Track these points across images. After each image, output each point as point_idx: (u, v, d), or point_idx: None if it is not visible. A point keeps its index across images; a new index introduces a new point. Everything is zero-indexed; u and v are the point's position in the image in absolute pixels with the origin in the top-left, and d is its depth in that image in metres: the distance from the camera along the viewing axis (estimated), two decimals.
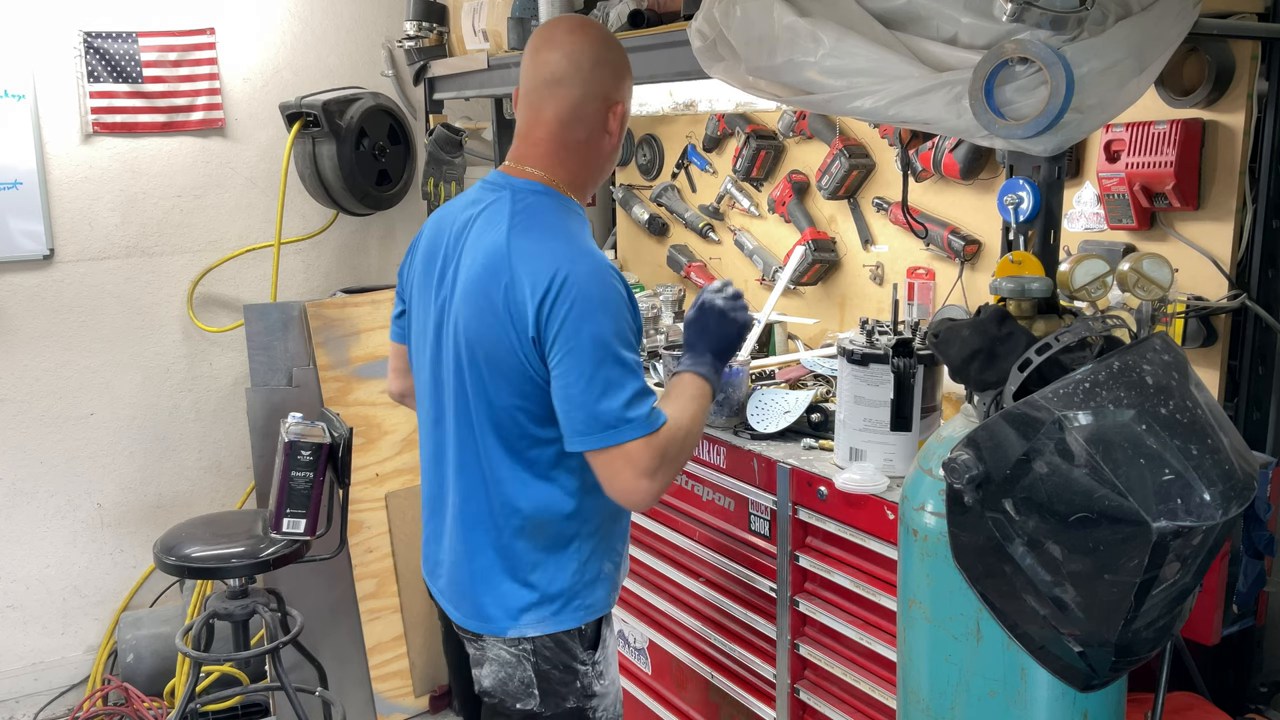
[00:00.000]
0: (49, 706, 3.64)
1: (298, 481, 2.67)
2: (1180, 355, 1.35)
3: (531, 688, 1.80)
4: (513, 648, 1.80)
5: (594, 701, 1.83)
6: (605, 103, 1.77)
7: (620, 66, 1.80)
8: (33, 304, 3.52)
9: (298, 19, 3.78)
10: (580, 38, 1.76)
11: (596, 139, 1.79)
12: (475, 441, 1.76)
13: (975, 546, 1.33)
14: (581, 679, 1.82)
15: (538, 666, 1.79)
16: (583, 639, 1.82)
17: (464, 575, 1.83)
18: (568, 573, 1.78)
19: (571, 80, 1.74)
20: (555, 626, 1.78)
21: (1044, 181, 1.51)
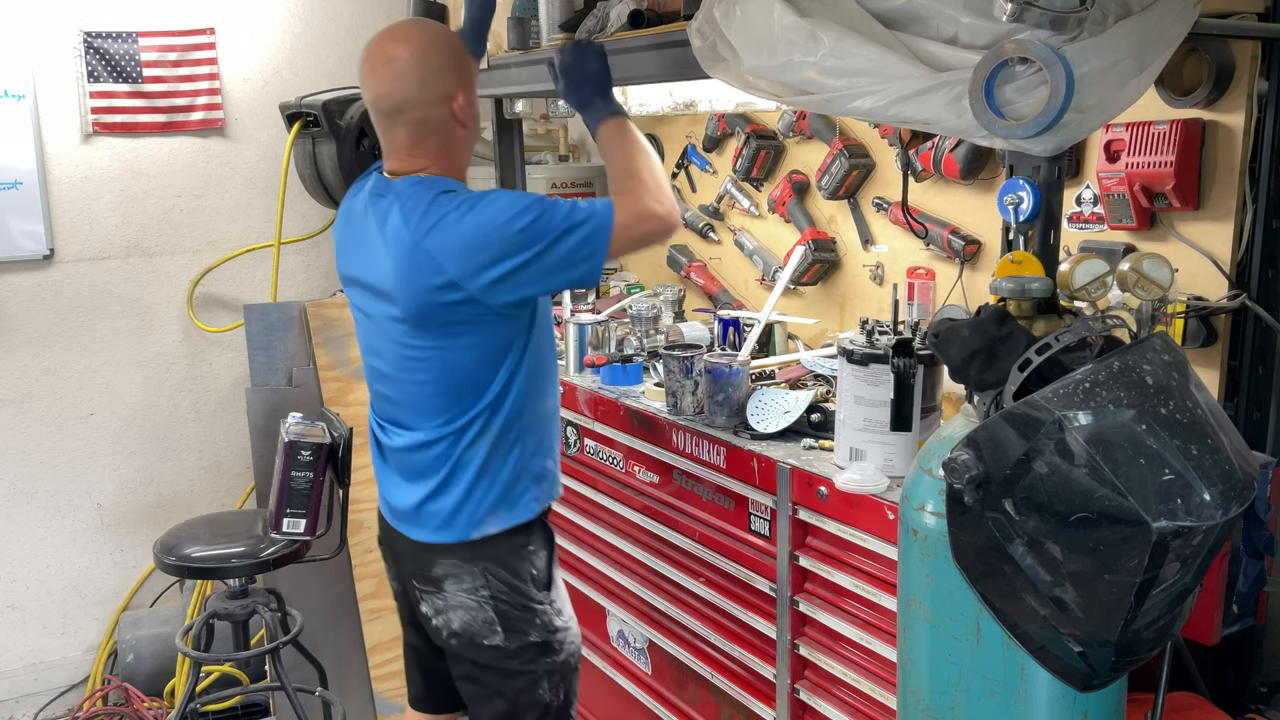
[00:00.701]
0: (49, 706, 3.64)
1: (298, 481, 2.67)
2: (1180, 355, 1.35)
3: (495, 625, 1.99)
4: (472, 593, 1.98)
5: (557, 635, 2.05)
6: (445, 105, 1.91)
7: (445, 63, 1.91)
8: (33, 304, 3.52)
9: (298, 19, 3.78)
10: (396, 65, 1.88)
11: (450, 134, 1.94)
12: (430, 388, 1.95)
13: (975, 546, 1.33)
14: (540, 616, 2.02)
15: (498, 607, 1.98)
16: (536, 582, 2.02)
17: (439, 495, 1.98)
18: (516, 468, 1.97)
19: (405, 105, 1.89)
20: (513, 521, 1.97)
21: (1044, 181, 1.51)
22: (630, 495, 2.48)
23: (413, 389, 1.95)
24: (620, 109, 2.04)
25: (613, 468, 2.53)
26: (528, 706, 2.05)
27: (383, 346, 1.99)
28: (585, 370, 2.67)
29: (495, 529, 1.97)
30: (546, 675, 2.04)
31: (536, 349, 1.97)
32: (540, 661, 2.03)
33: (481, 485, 1.95)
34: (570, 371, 2.71)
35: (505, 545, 1.99)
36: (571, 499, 2.72)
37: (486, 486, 1.95)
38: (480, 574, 1.98)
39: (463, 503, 1.95)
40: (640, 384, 2.55)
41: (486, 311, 1.85)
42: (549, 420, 2.05)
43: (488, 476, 1.95)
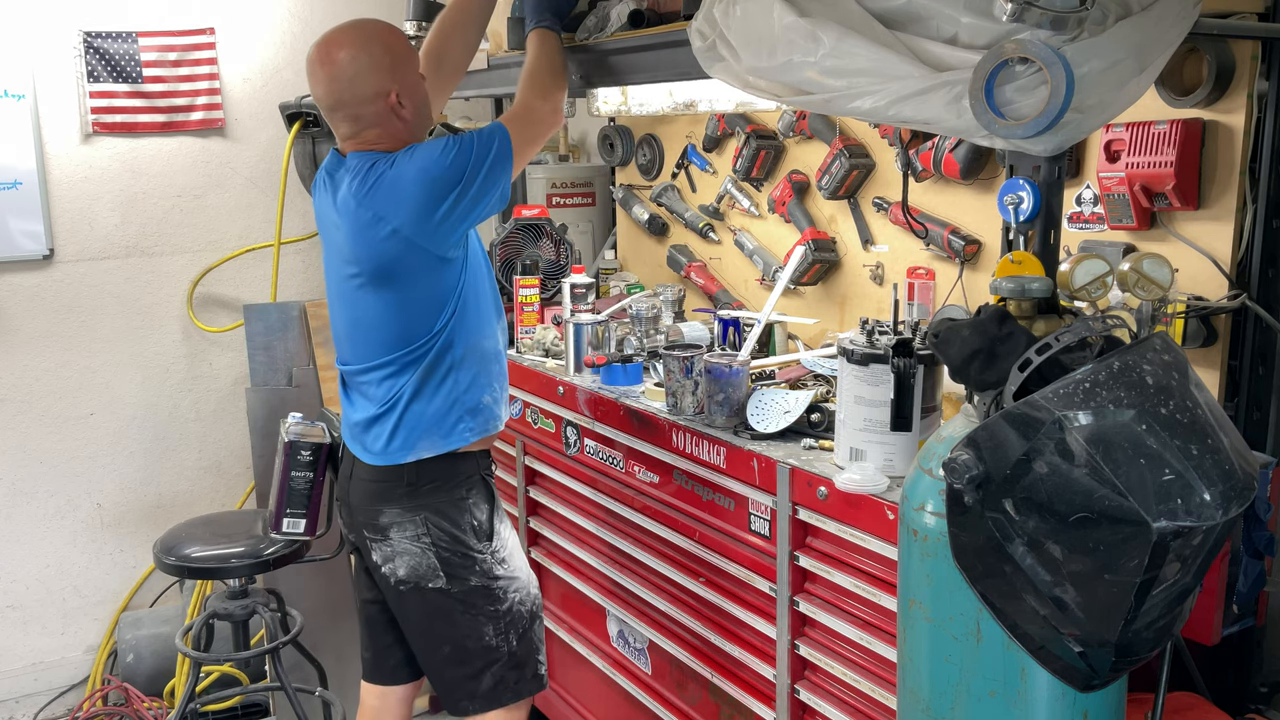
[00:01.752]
0: (49, 706, 3.64)
1: (297, 481, 2.67)
2: (1180, 355, 1.35)
3: (437, 570, 2.17)
4: (414, 540, 2.16)
5: (500, 582, 2.21)
6: (378, 101, 2.08)
7: (376, 63, 2.08)
8: (33, 304, 3.52)
9: (298, 19, 3.78)
10: (329, 68, 2.07)
11: (388, 124, 2.11)
12: (383, 328, 2.15)
13: (975, 546, 1.33)
14: (480, 564, 2.19)
15: (439, 554, 2.17)
16: (476, 533, 2.19)
17: (377, 420, 2.20)
18: (452, 397, 2.16)
19: (338, 104, 2.09)
20: (449, 445, 2.16)
21: (1044, 181, 1.51)
22: (630, 495, 2.48)
23: (370, 334, 2.17)
24: (554, 27, 2.38)
25: (613, 468, 2.53)
26: (476, 651, 2.21)
27: (343, 305, 2.22)
28: (585, 370, 2.67)
29: (429, 454, 2.16)
30: (491, 620, 2.20)
31: (472, 289, 2.16)
32: (483, 608, 2.19)
33: (413, 409, 2.15)
34: (570, 371, 2.71)
35: (444, 497, 2.18)
36: (571, 499, 2.72)
37: (419, 411, 2.15)
38: (422, 523, 2.17)
39: (398, 426, 2.16)
40: (640, 384, 2.55)
41: (431, 259, 2.06)
42: (488, 358, 2.22)
43: (420, 402, 2.15)
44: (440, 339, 2.13)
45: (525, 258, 3.13)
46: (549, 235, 3.19)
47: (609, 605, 2.62)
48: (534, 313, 2.99)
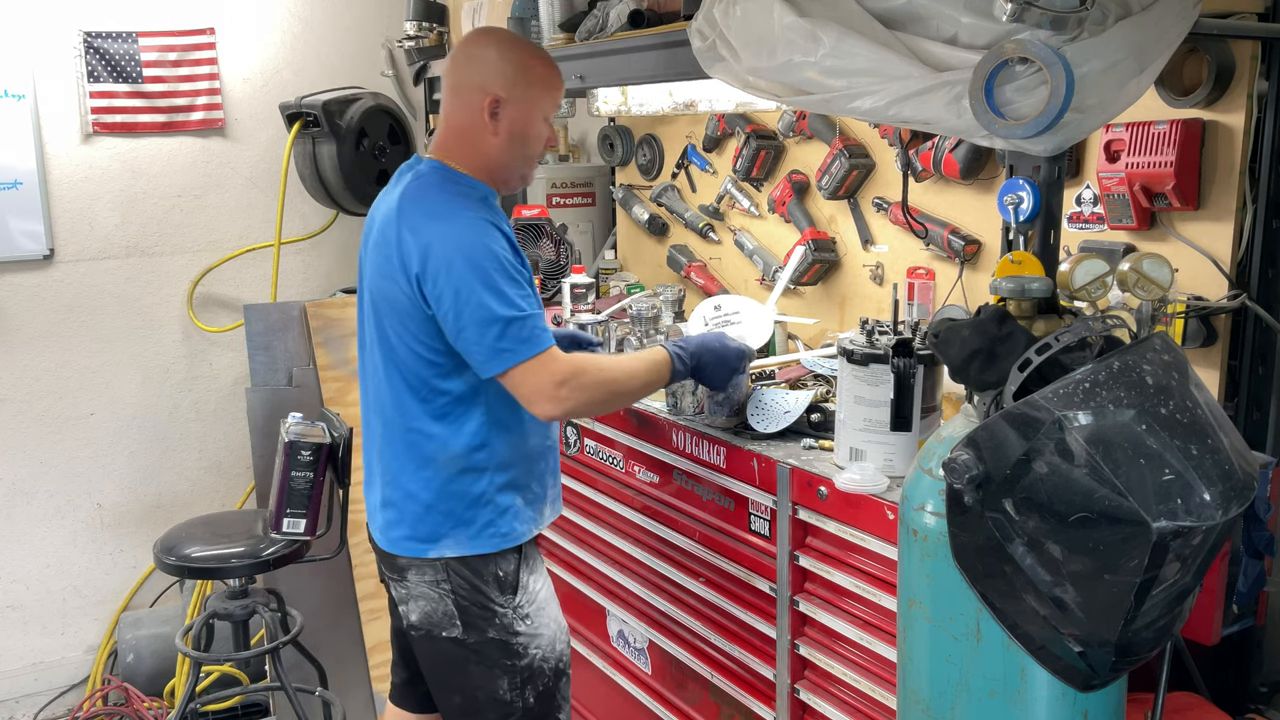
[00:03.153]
0: (49, 706, 3.64)
1: (298, 481, 2.67)
2: (1180, 355, 1.35)
3: (454, 619, 2.02)
4: (433, 585, 2.02)
5: (520, 639, 2.05)
6: (481, 94, 1.97)
7: (500, 64, 1.98)
8: (33, 304, 3.52)
9: (298, 19, 3.78)
10: (466, 44, 2.04)
11: (479, 128, 1.99)
12: (389, 385, 2.00)
13: (975, 546, 1.33)
14: (500, 618, 2.03)
15: (458, 602, 2.02)
16: (500, 585, 2.03)
17: (390, 505, 2.05)
18: (476, 502, 2.00)
19: (454, 79, 2.02)
20: (471, 550, 2.00)
21: (1044, 181, 1.51)
22: (630, 495, 2.48)
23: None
24: (680, 370, 2.09)
25: (613, 468, 2.53)
26: (486, 703, 2.06)
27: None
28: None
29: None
30: (506, 674, 2.05)
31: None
32: (499, 661, 2.04)
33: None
34: None
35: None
36: (571, 499, 2.72)
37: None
38: (442, 568, 2.03)
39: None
40: None
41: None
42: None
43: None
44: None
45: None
46: (549, 235, 3.19)
47: (609, 605, 2.62)
48: None
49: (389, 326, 1.97)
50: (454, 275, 1.86)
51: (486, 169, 2.02)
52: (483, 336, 1.86)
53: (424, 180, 1.99)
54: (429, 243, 1.88)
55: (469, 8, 3.08)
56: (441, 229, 1.89)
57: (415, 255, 1.88)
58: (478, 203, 1.97)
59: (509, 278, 1.89)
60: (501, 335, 1.86)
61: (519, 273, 1.93)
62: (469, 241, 1.88)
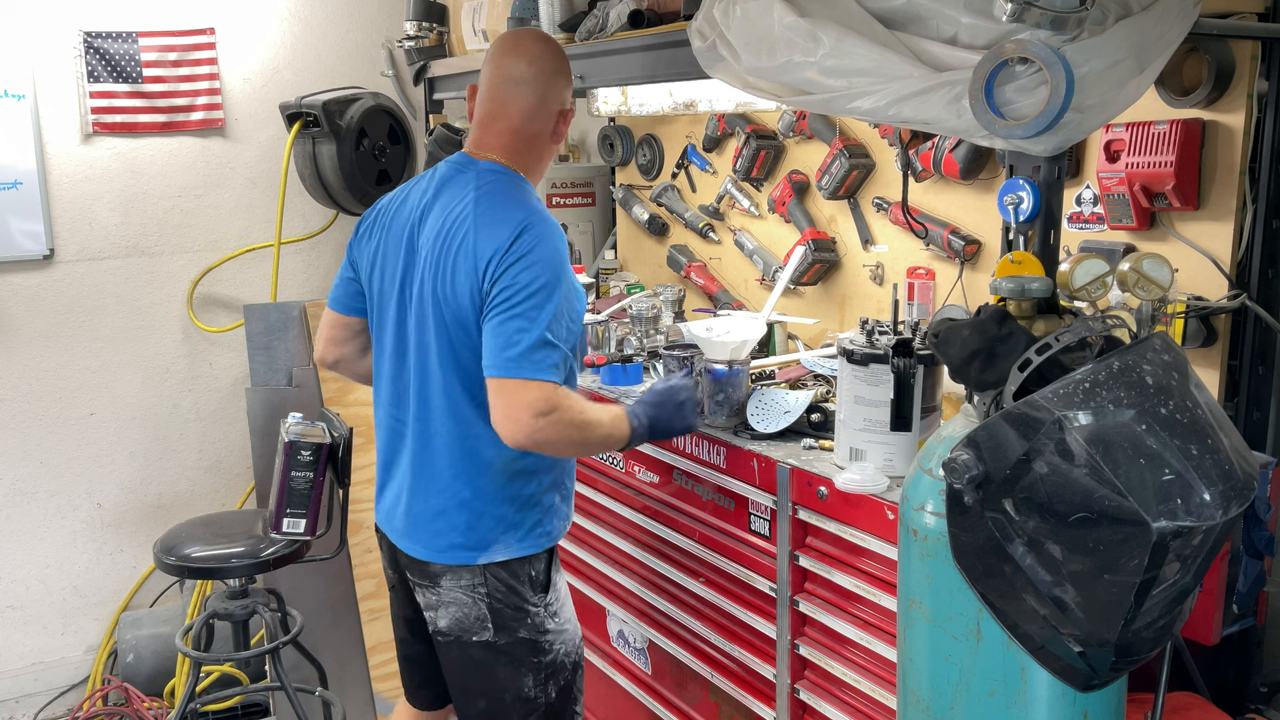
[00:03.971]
0: (49, 706, 3.64)
1: (298, 481, 2.67)
2: (1180, 355, 1.35)
3: (486, 622, 2.01)
4: (468, 590, 2.00)
5: (549, 636, 2.06)
6: (560, 105, 2.04)
7: (569, 79, 2.08)
8: (33, 304, 3.52)
9: (298, 19, 3.78)
10: (544, 48, 2.04)
11: (546, 136, 2.05)
12: (443, 390, 1.96)
13: (975, 546, 1.33)
14: (533, 617, 2.04)
15: (492, 605, 2.01)
16: (533, 584, 2.04)
17: (442, 515, 2.00)
18: (527, 504, 2.01)
19: (534, 84, 2.01)
20: (516, 553, 2.00)
21: (1044, 181, 1.51)
22: (630, 495, 2.48)
23: None
24: (637, 434, 2.05)
25: (613, 468, 2.53)
26: (513, 703, 2.06)
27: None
28: (585, 370, 2.68)
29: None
30: (532, 672, 2.05)
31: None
32: (526, 660, 2.04)
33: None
34: None
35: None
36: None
37: None
38: (480, 571, 2.00)
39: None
40: (640, 384, 2.55)
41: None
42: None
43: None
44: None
45: None
46: None
47: (609, 605, 2.62)
48: None
49: (454, 332, 1.92)
50: (524, 269, 1.84)
51: (539, 172, 2.07)
52: (514, 335, 1.83)
53: (501, 181, 1.97)
54: (511, 240, 1.86)
55: (469, 8, 3.08)
56: (523, 227, 1.87)
57: (493, 251, 1.86)
58: (541, 202, 2.00)
59: (569, 302, 1.89)
60: (531, 347, 1.82)
61: (576, 299, 1.93)
62: (547, 247, 1.88)
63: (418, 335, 1.98)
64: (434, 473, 2.00)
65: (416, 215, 2.01)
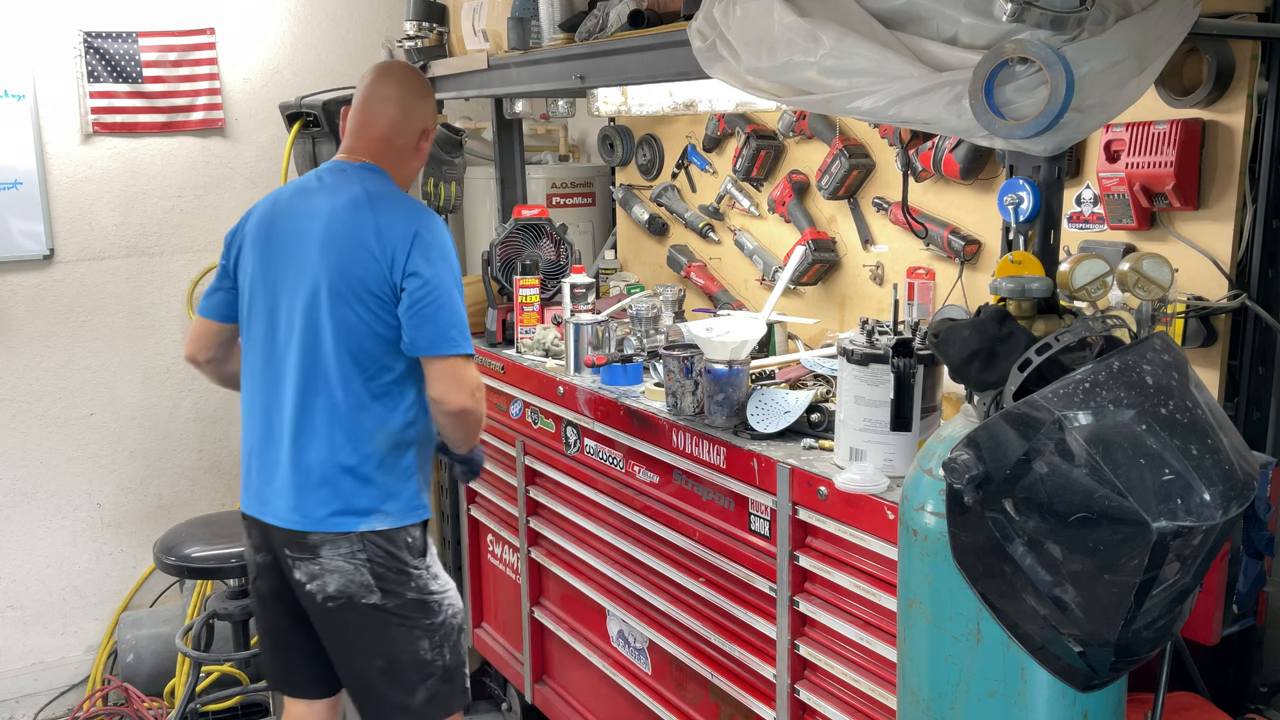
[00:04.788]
0: (49, 706, 3.64)
1: None
2: (1180, 355, 1.35)
3: (371, 588, 2.15)
4: (349, 558, 2.13)
5: (434, 596, 2.22)
6: (422, 125, 2.28)
7: (432, 103, 2.34)
8: (33, 304, 3.52)
9: (298, 19, 3.78)
10: (409, 74, 2.33)
11: (410, 150, 2.28)
12: (336, 366, 2.12)
13: (975, 546, 1.33)
14: (415, 580, 2.19)
15: (374, 570, 2.15)
16: (411, 549, 2.19)
17: (326, 484, 2.14)
18: (405, 475, 2.19)
19: (400, 101, 2.25)
20: (398, 522, 2.17)
21: (1044, 181, 1.51)
22: (630, 495, 2.48)
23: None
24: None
25: (613, 468, 2.53)
26: (411, 665, 2.19)
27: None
28: (585, 370, 2.68)
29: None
30: (426, 634, 2.20)
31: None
32: (419, 621, 2.19)
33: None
34: (570, 371, 2.71)
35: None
36: (571, 499, 2.72)
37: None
38: (358, 539, 2.14)
39: None
40: (640, 384, 2.55)
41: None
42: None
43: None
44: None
45: (525, 258, 3.13)
46: (549, 235, 3.19)
47: (609, 605, 2.62)
48: (534, 313, 2.99)
49: (350, 309, 2.10)
50: (433, 262, 2.10)
51: (403, 182, 2.28)
52: (439, 322, 2.08)
53: (382, 179, 2.21)
54: (416, 230, 2.11)
55: (469, 8, 3.08)
56: (424, 220, 2.14)
57: (399, 238, 2.09)
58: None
59: (460, 284, 2.16)
60: (455, 327, 2.10)
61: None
62: (446, 240, 2.16)
63: (306, 318, 2.13)
64: (318, 445, 2.14)
65: (304, 211, 2.18)
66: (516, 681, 3.12)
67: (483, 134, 3.73)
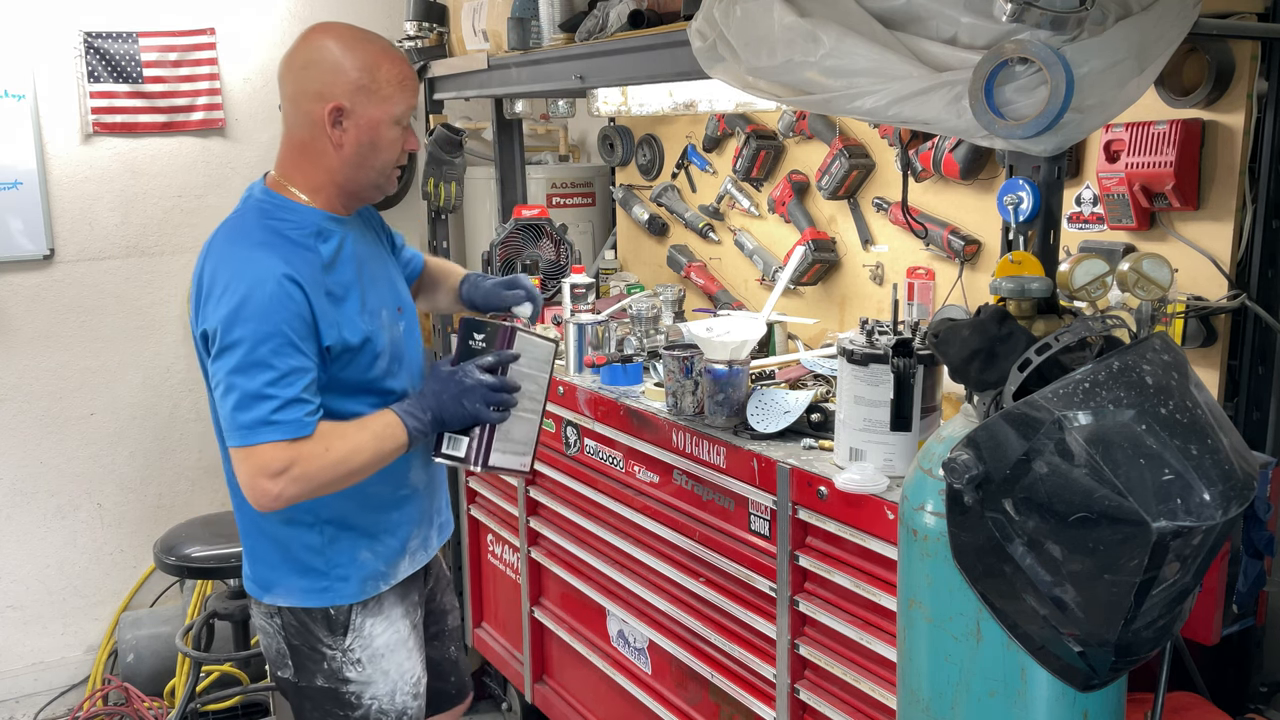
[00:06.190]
0: (49, 706, 3.64)
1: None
2: (1180, 355, 1.35)
3: (286, 658, 1.92)
4: (268, 619, 1.92)
5: (350, 687, 1.90)
6: (320, 102, 1.77)
7: (333, 71, 1.77)
8: (33, 304, 3.52)
9: (298, 19, 3.78)
10: (303, 44, 1.82)
11: (320, 138, 1.80)
12: (216, 426, 1.82)
13: (975, 546, 1.34)
14: (329, 661, 1.90)
15: (288, 640, 1.90)
16: (330, 624, 1.89)
17: (246, 547, 1.95)
18: (307, 552, 1.86)
19: (285, 90, 1.84)
20: (299, 602, 1.88)
21: (1044, 181, 1.51)
22: (630, 495, 2.48)
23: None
24: (415, 433, 1.83)
25: (613, 468, 2.53)
26: None
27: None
28: (585, 370, 2.68)
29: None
30: None
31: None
32: (331, 711, 1.91)
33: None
34: (570, 371, 2.71)
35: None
36: (571, 499, 2.72)
37: None
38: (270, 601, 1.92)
39: None
40: (640, 384, 2.55)
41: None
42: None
43: None
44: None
45: (525, 258, 3.13)
46: (549, 235, 3.19)
47: (609, 605, 2.62)
48: None
49: (207, 377, 1.79)
50: (233, 330, 1.68)
51: (333, 186, 1.85)
52: (224, 398, 1.70)
53: (243, 212, 1.85)
54: (216, 289, 1.72)
55: (469, 8, 3.08)
56: (231, 276, 1.71)
57: (204, 297, 1.74)
58: (291, 249, 1.76)
59: (276, 349, 1.68)
60: (236, 409, 1.68)
61: (297, 341, 1.70)
62: (253, 298, 1.68)
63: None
64: (234, 506, 1.93)
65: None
66: (516, 681, 3.12)
67: (483, 134, 3.73)
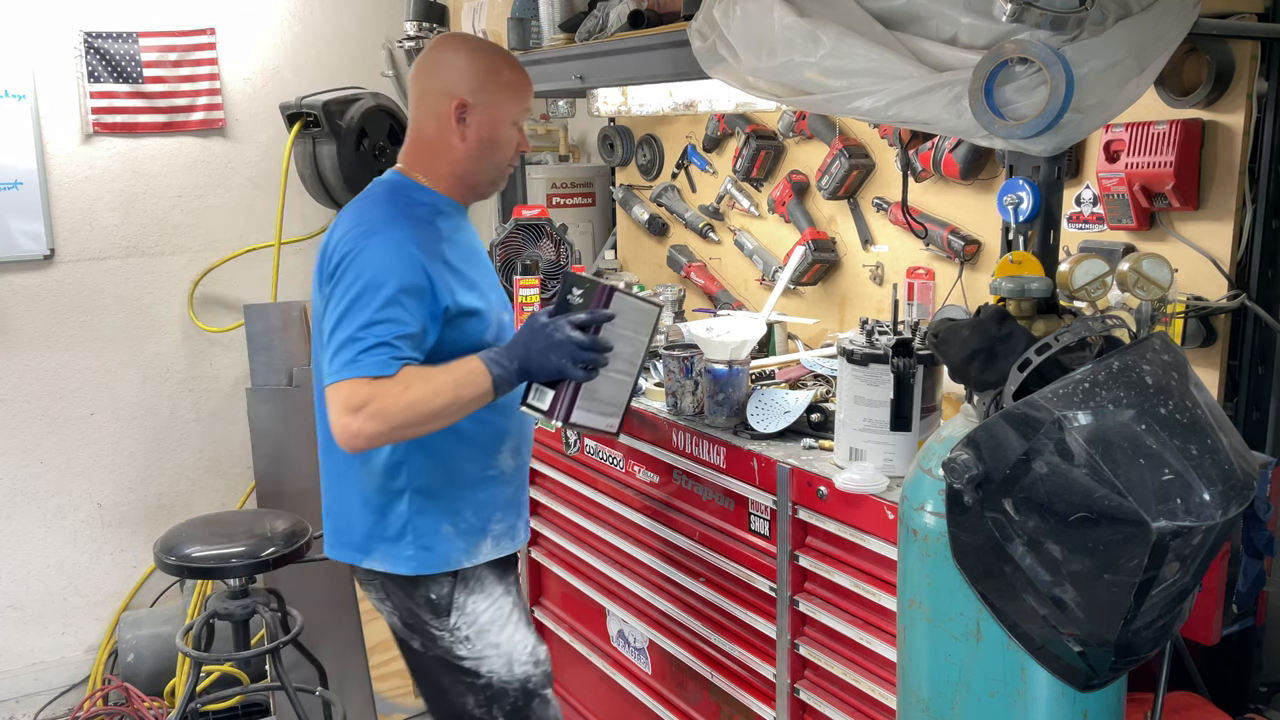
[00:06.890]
0: (49, 706, 3.64)
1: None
2: (1180, 355, 1.35)
3: (411, 633, 2.02)
4: (380, 602, 2.03)
5: (467, 663, 2.01)
6: (448, 99, 1.94)
7: (460, 70, 1.95)
8: (33, 304, 3.52)
9: (298, 19, 3.78)
10: (424, 55, 2.00)
11: (448, 132, 1.95)
12: (320, 396, 1.92)
13: (975, 546, 1.34)
14: (440, 641, 2.00)
15: (404, 620, 2.02)
16: (433, 608, 1.99)
17: (335, 512, 2.05)
18: (387, 512, 1.96)
19: (415, 87, 2.00)
20: (391, 568, 1.97)
21: (1044, 181, 1.52)
22: (630, 495, 2.48)
23: None
24: (501, 383, 1.85)
25: (613, 468, 2.53)
26: (461, 713, 2.05)
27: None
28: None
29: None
30: (470, 691, 2.03)
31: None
32: (459, 678, 2.02)
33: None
34: None
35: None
36: (571, 499, 2.72)
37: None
38: (380, 584, 2.03)
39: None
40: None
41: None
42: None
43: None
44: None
45: (525, 258, 3.13)
46: (549, 235, 3.19)
47: (609, 605, 2.62)
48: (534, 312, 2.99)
49: (321, 339, 1.90)
50: (344, 282, 1.82)
51: (454, 176, 1.99)
52: (329, 341, 1.82)
53: (373, 191, 1.98)
54: (345, 253, 1.84)
55: (469, 8, 3.08)
56: (358, 241, 1.84)
57: (333, 263, 1.86)
58: (413, 221, 1.89)
59: (382, 302, 1.79)
60: (338, 349, 1.79)
61: (402, 298, 1.81)
62: (374, 257, 1.82)
63: (315, 345, 1.97)
64: (323, 471, 2.06)
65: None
66: None
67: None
